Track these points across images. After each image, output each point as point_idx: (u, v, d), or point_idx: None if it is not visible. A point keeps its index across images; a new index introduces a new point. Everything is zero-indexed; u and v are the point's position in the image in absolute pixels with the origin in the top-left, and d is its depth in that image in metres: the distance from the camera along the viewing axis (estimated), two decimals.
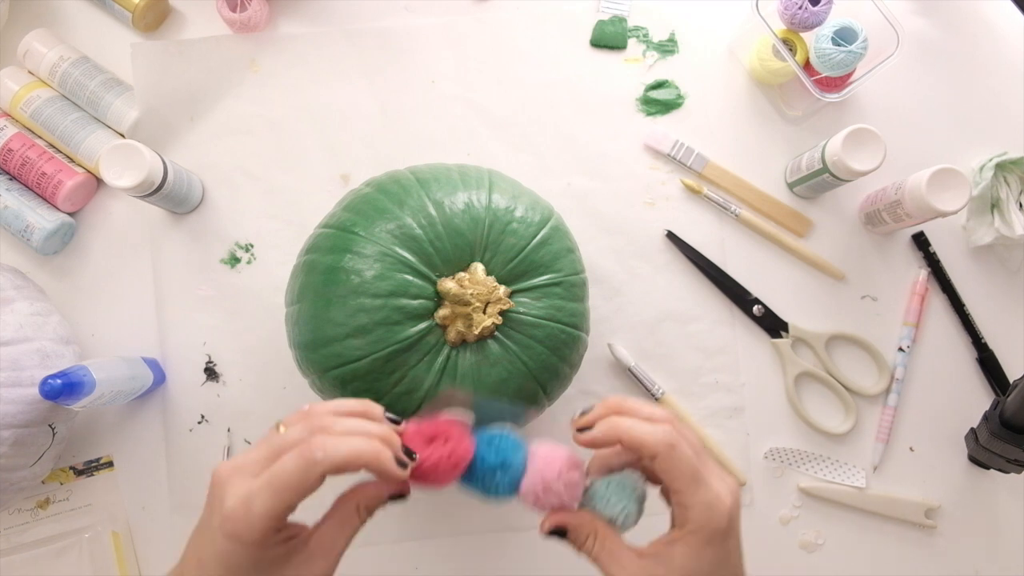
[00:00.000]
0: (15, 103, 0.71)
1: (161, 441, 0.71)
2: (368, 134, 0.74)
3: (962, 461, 0.72)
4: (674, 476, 0.40)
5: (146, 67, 0.74)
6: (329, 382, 0.55)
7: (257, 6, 0.72)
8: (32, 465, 0.62)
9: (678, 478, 0.40)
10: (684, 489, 0.40)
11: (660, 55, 0.76)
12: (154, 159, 0.64)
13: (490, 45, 0.76)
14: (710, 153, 0.74)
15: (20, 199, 0.70)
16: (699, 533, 0.40)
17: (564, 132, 0.75)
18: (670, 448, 0.40)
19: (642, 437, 0.40)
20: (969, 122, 0.75)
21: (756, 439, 0.72)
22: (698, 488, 0.40)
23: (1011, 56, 0.76)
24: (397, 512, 0.70)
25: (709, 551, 0.40)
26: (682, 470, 0.40)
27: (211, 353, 0.72)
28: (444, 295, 0.53)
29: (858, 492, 0.71)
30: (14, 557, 0.69)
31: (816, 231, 0.74)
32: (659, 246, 0.73)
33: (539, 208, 0.58)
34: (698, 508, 0.40)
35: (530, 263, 0.56)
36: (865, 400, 0.72)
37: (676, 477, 0.40)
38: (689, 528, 0.40)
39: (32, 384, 0.58)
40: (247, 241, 0.73)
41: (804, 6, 0.67)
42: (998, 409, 0.64)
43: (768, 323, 0.73)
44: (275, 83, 0.75)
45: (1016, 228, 0.70)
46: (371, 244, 0.53)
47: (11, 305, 0.61)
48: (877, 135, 0.65)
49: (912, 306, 0.72)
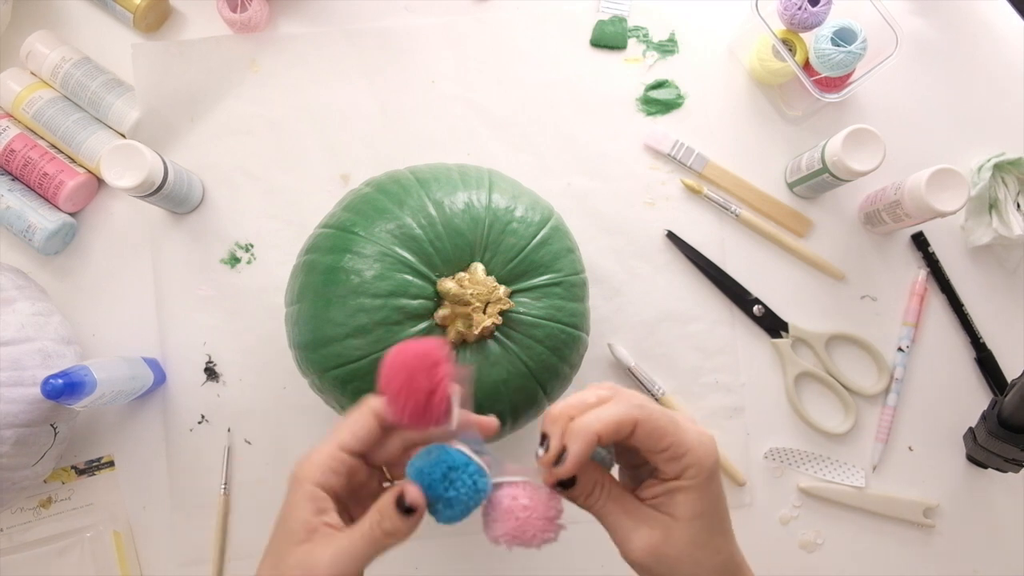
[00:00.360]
0: (17, 104, 0.71)
1: (162, 441, 0.71)
2: (368, 134, 0.75)
3: (960, 460, 0.72)
4: (660, 434, 0.39)
5: (147, 68, 0.74)
6: (329, 382, 0.55)
7: (257, 6, 0.73)
8: (34, 464, 0.62)
9: (664, 433, 0.39)
10: (674, 440, 0.39)
11: (660, 55, 0.76)
12: (155, 159, 0.65)
13: (490, 45, 0.76)
14: (710, 153, 0.74)
15: (22, 199, 0.70)
16: (700, 476, 0.40)
17: (564, 132, 0.75)
18: (641, 410, 0.39)
19: (614, 417, 0.39)
20: (968, 122, 0.75)
21: (756, 439, 0.72)
22: (683, 432, 0.40)
23: (1009, 56, 0.76)
24: None
25: (711, 488, 0.40)
26: (663, 423, 0.39)
27: (211, 353, 0.72)
28: (444, 295, 0.53)
29: (857, 492, 0.71)
30: (16, 556, 0.69)
31: (816, 231, 0.74)
32: (659, 246, 0.74)
33: (539, 208, 0.58)
34: (692, 454, 0.39)
35: (530, 263, 0.56)
36: (865, 400, 0.72)
37: (662, 434, 0.39)
38: (689, 474, 0.40)
39: (34, 384, 0.58)
40: (247, 241, 0.73)
41: (803, 6, 0.67)
42: (996, 409, 0.64)
43: (768, 323, 0.73)
44: (275, 83, 0.75)
45: (1014, 228, 0.70)
46: (371, 244, 0.54)
47: (13, 305, 0.62)
48: (877, 135, 0.65)
49: (911, 306, 0.72)
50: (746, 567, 0.43)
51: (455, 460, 0.39)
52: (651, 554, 0.41)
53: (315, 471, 0.40)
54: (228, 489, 0.70)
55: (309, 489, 0.40)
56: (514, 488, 0.40)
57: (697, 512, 0.40)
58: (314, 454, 0.41)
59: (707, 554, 0.41)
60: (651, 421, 0.39)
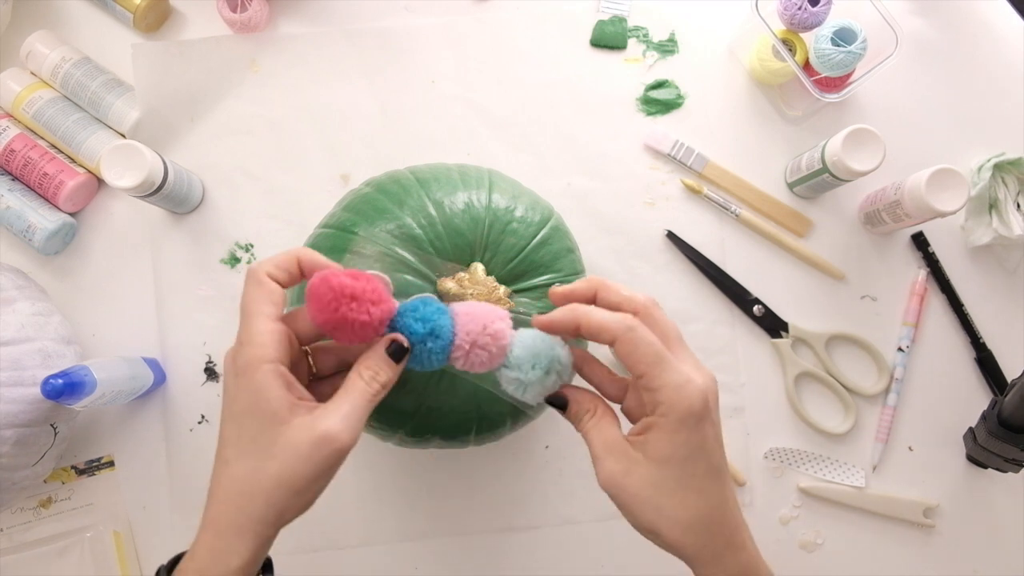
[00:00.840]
0: (17, 104, 0.71)
1: (162, 441, 0.71)
2: (368, 134, 0.75)
3: (960, 460, 0.72)
4: (636, 359, 0.39)
5: (147, 68, 0.74)
6: None
7: (257, 6, 0.73)
8: (34, 464, 0.62)
9: (640, 361, 0.39)
10: (648, 372, 0.39)
11: (660, 55, 0.76)
12: (155, 159, 0.65)
13: (490, 45, 0.76)
14: (710, 153, 0.74)
15: (22, 199, 0.70)
16: (670, 415, 0.39)
17: (564, 132, 0.75)
18: (628, 331, 0.39)
19: (601, 322, 0.40)
20: (967, 122, 0.75)
21: (756, 439, 0.72)
22: (664, 370, 0.39)
23: (1009, 56, 0.76)
24: (397, 512, 0.70)
25: (682, 434, 0.39)
26: (644, 352, 0.39)
27: (211, 353, 0.72)
28: (444, 295, 0.53)
29: (857, 492, 0.71)
30: (16, 556, 0.69)
31: (816, 231, 0.74)
32: (659, 246, 0.74)
33: (539, 208, 0.58)
34: (666, 390, 0.39)
35: (530, 263, 0.56)
36: (865, 400, 0.72)
37: (638, 360, 0.39)
38: (660, 411, 0.39)
39: (34, 384, 0.58)
40: (247, 241, 0.73)
41: (803, 6, 0.67)
42: (996, 409, 0.64)
43: (768, 323, 0.73)
44: (275, 83, 0.75)
45: (1014, 228, 0.70)
46: (371, 244, 0.54)
47: (13, 305, 0.62)
48: (877, 135, 0.65)
49: (911, 306, 0.72)
50: (743, 545, 0.41)
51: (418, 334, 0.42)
52: (611, 484, 0.41)
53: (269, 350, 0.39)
54: None
55: (269, 367, 0.39)
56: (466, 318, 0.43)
57: (663, 455, 0.39)
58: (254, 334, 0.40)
59: (672, 503, 0.39)
60: (631, 343, 0.39)
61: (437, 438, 0.56)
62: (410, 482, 0.71)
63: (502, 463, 0.71)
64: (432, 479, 0.71)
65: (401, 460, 0.71)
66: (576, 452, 0.71)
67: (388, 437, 0.57)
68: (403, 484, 0.70)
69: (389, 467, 0.71)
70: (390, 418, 0.54)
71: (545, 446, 0.71)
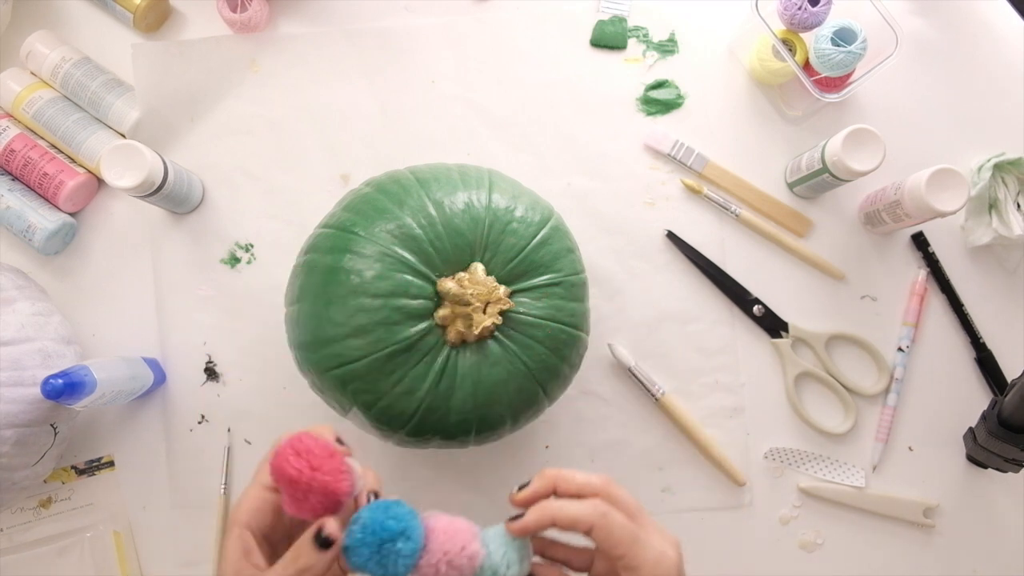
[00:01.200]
0: (17, 104, 0.71)
1: (162, 441, 0.71)
2: (368, 134, 0.75)
3: (960, 460, 0.72)
4: (614, 543, 0.42)
5: (147, 68, 0.74)
6: (329, 382, 0.55)
7: (257, 6, 0.73)
8: (34, 464, 0.62)
9: (618, 544, 0.42)
10: (627, 552, 0.42)
11: (660, 55, 0.76)
12: (155, 159, 0.65)
13: (490, 45, 0.76)
14: (710, 153, 0.74)
15: (22, 199, 0.70)
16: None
17: (564, 132, 0.75)
18: (602, 517, 0.42)
19: (575, 515, 0.42)
20: (967, 122, 0.75)
21: (756, 439, 0.72)
22: (641, 548, 0.42)
23: (1009, 56, 0.76)
24: None
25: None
26: (620, 535, 0.42)
27: (211, 353, 0.72)
28: (444, 295, 0.53)
29: (857, 492, 0.71)
30: (16, 556, 0.69)
31: (816, 231, 0.74)
32: (659, 246, 0.74)
33: (539, 208, 0.58)
34: (646, 567, 0.42)
35: (530, 263, 0.56)
36: (865, 400, 0.72)
37: (616, 543, 0.42)
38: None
39: (34, 384, 0.58)
40: (247, 241, 0.73)
41: (803, 6, 0.67)
42: (996, 409, 0.64)
43: (768, 323, 0.73)
44: (275, 83, 0.75)
45: (1014, 228, 0.70)
46: (371, 244, 0.54)
47: (13, 305, 0.62)
48: (877, 135, 0.65)
49: (911, 306, 0.72)
50: None
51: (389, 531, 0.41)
52: None
53: (243, 513, 0.42)
54: (228, 489, 0.70)
55: (237, 531, 0.42)
56: None
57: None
58: (243, 497, 0.42)
59: None
60: (607, 529, 0.42)
61: (437, 438, 0.56)
62: (410, 482, 0.71)
63: (502, 463, 0.71)
64: (432, 479, 0.71)
65: (401, 460, 0.71)
66: (576, 452, 0.71)
67: (388, 437, 0.57)
68: (403, 484, 0.70)
69: (389, 467, 0.71)
70: (390, 418, 0.55)
71: (545, 446, 0.71)
